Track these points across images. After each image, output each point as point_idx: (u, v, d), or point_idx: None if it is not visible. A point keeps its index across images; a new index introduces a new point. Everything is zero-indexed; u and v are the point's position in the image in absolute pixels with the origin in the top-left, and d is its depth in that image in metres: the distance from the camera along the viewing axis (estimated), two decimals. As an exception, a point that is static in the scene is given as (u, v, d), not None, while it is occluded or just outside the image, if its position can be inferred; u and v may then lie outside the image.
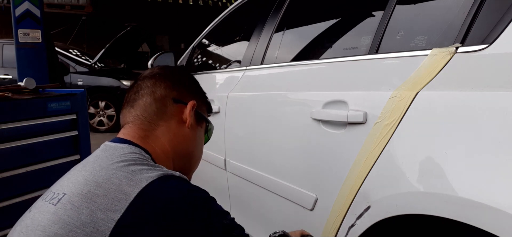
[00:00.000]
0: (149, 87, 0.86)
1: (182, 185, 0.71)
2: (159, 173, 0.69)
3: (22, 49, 3.32)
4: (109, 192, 0.65)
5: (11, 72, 5.77)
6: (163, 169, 0.73)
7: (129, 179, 0.67)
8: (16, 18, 3.27)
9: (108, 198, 0.64)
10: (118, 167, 0.70)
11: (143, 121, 0.83)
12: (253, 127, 1.53)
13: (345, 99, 1.06)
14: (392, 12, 1.07)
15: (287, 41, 1.62)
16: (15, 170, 1.62)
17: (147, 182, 0.67)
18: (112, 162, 0.71)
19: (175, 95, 0.86)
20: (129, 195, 0.64)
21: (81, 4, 10.67)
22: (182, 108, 0.87)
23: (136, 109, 0.84)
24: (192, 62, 2.55)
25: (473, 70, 0.79)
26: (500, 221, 0.62)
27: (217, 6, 12.20)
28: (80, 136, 1.91)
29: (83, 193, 0.66)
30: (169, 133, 0.84)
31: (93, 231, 0.61)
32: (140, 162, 0.72)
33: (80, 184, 0.68)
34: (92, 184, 0.67)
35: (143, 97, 0.85)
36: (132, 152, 0.76)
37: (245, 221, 1.66)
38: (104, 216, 0.62)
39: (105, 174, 0.68)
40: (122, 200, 0.63)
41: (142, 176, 0.68)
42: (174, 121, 0.85)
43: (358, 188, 0.96)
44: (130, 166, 0.70)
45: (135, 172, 0.68)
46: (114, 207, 0.63)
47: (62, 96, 1.89)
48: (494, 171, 0.67)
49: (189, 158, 0.91)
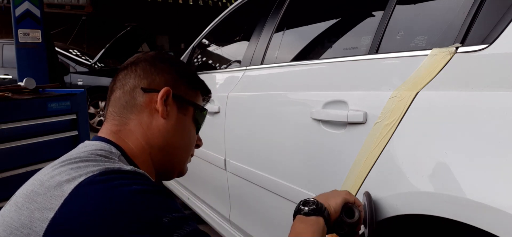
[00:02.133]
0: (120, 80, 0.80)
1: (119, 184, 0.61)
2: (102, 168, 0.63)
3: (22, 49, 3.32)
4: (49, 190, 0.60)
5: (11, 72, 5.77)
6: (113, 164, 0.66)
7: (70, 175, 0.61)
8: (16, 18, 3.27)
9: (46, 197, 0.60)
10: (67, 164, 0.64)
11: (115, 117, 0.78)
12: (253, 127, 1.53)
13: (345, 99, 1.06)
14: (392, 12, 1.07)
15: (287, 41, 1.62)
16: (15, 170, 1.62)
17: (86, 176, 0.60)
18: (66, 159, 0.66)
19: (146, 83, 0.79)
20: (65, 191, 0.59)
21: (81, 4, 10.67)
22: (154, 97, 0.78)
23: (110, 105, 0.80)
24: (192, 62, 2.55)
25: (473, 70, 0.79)
26: (500, 221, 0.62)
27: (217, 6, 12.20)
28: (80, 136, 1.91)
29: (27, 193, 0.62)
30: (141, 126, 0.78)
31: (30, 232, 0.57)
32: (93, 159, 0.66)
33: (27, 184, 0.64)
34: (37, 183, 0.63)
35: (114, 91, 0.80)
36: (98, 148, 0.70)
37: (245, 221, 1.66)
38: (40, 216, 0.58)
39: (51, 172, 0.64)
40: (58, 197, 0.59)
41: (84, 171, 0.62)
42: (147, 113, 0.78)
43: (358, 188, 0.96)
44: (79, 163, 0.64)
45: (79, 168, 0.63)
46: (50, 205, 0.58)
47: (62, 96, 1.89)
48: (494, 171, 0.66)
49: (170, 151, 0.82)
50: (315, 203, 0.80)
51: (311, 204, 0.80)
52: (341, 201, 0.84)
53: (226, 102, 1.72)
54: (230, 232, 1.77)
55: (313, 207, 0.80)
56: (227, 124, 1.70)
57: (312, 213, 0.79)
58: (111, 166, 0.65)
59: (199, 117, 0.87)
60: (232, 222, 1.75)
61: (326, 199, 0.84)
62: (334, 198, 0.84)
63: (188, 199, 2.36)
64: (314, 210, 0.79)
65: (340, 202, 0.84)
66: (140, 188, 0.62)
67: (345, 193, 0.87)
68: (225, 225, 1.84)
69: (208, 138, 1.39)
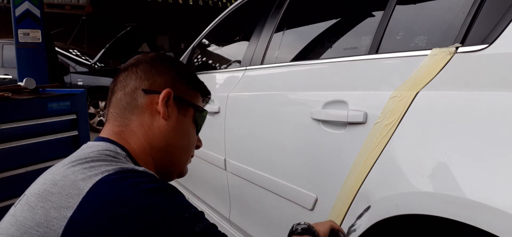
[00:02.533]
0: (121, 81, 0.81)
1: (137, 183, 0.63)
2: (116, 167, 0.64)
3: (22, 49, 3.32)
4: (64, 189, 0.61)
5: (11, 72, 5.77)
6: (126, 164, 0.68)
7: (85, 174, 0.63)
8: (16, 18, 3.27)
9: (62, 196, 0.60)
10: (78, 164, 0.65)
11: (116, 118, 0.79)
12: (253, 127, 1.53)
13: (345, 99, 1.06)
14: (392, 12, 1.07)
15: (287, 41, 1.62)
16: (15, 170, 1.62)
17: (102, 175, 0.62)
18: (76, 159, 0.67)
19: (147, 85, 0.79)
20: (82, 190, 0.60)
21: (81, 4, 10.67)
22: (155, 98, 0.79)
23: (111, 107, 0.81)
24: (192, 62, 2.55)
25: (473, 70, 0.79)
26: (500, 221, 0.62)
27: (217, 6, 12.20)
28: (80, 136, 1.91)
29: (40, 193, 0.63)
30: (142, 127, 0.79)
31: (47, 231, 0.58)
32: (103, 158, 0.68)
33: (39, 184, 0.65)
34: (49, 182, 0.64)
35: (115, 93, 0.81)
36: (104, 149, 0.72)
37: (245, 221, 1.66)
38: (57, 215, 0.59)
39: (64, 171, 0.65)
40: (75, 196, 0.60)
41: (99, 170, 0.63)
42: (148, 114, 0.79)
43: (358, 188, 0.96)
44: (91, 162, 0.65)
45: (93, 167, 0.64)
46: (67, 204, 0.59)
47: (62, 96, 1.89)
48: (494, 171, 0.67)
49: (170, 152, 0.83)
50: (307, 224, 0.88)
51: (303, 224, 0.88)
52: (328, 227, 0.91)
53: (226, 102, 1.72)
54: (230, 232, 1.77)
55: (305, 227, 0.87)
56: (227, 124, 1.70)
57: (304, 232, 0.86)
58: (125, 166, 0.67)
59: (199, 118, 0.87)
60: (232, 222, 1.76)
61: (316, 225, 0.91)
62: (322, 224, 0.92)
63: (188, 199, 2.36)
64: (305, 230, 0.86)
65: (328, 227, 0.91)
66: (157, 186, 0.65)
67: (331, 221, 0.95)
68: (225, 225, 1.84)
69: (208, 138, 1.39)
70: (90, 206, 0.59)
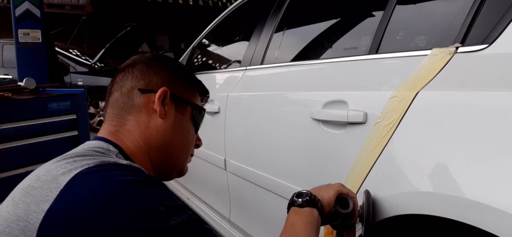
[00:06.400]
0: (118, 82, 0.81)
1: (115, 175, 0.62)
2: (98, 161, 0.64)
3: (22, 49, 3.33)
4: (45, 184, 0.61)
5: (11, 72, 5.77)
6: (110, 158, 0.68)
7: (66, 168, 0.62)
8: (16, 18, 3.27)
9: (43, 190, 0.61)
10: (63, 159, 0.66)
11: (113, 118, 0.80)
12: (253, 127, 1.53)
13: (345, 99, 1.06)
14: (392, 12, 1.07)
15: (287, 41, 1.62)
16: (15, 170, 1.62)
17: (82, 168, 0.62)
18: (63, 156, 0.67)
19: (143, 84, 0.80)
20: (61, 183, 0.60)
21: (81, 4, 10.67)
22: (152, 97, 0.79)
23: (108, 107, 0.82)
24: (192, 62, 2.55)
25: (473, 70, 0.79)
26: (500, 221, 0.62)
27: (217, 6, 12.20)
28: (80, 136, 1.91)
29: (24, 188, 0.63)
30: (139, 127, 0.79)
31: (26, 225, 0.58)
32: (90, 154, 0.67)
33: (25, 180, 0.66)
34: (33, 178, 0.64)
35: (112, 93, 0.82)
36: (95, 146, 0.72)
37: (245, 221, 1.66)
38: (36, 208, 0.59)
39: (48, 167, 0.65)
40: (54, 189, 0.60)
41: (79, 164, 0.63)
42: (144, 113, 0.79)
43: (358, 188, 0.96)
44: (75, 157, 0.65)
45: (75, 161, 0.64)
46: (46, 197, 0.59)
47: (62, 96, 1.89)
48: (494, 171, 0.66)
49: (169, 151, 0.83)
50: (308, 195, 0.82)
51: (304, 196, 0.82)
52: (334, 193, 0.85)
53: (226, 102, 1.72)
54: (230, 232, 1.77)
55: (306, 198, 0.81)
56: (227, 124, 1.70)
57: (305, 204, 0.80)
58: (106, 160, 0.66)
59: (197, 117, 0.87)
60: (232, 222, 1.76)
61: (319, 191, 0.85)
62: (327, 191, 0.85)
63: (188, 199, 2.37)
64: (307, 202, 0.80)
65: (333, 194, 0.85)
66: (136, 179, 0.63)
67: (339, 185, 0.88)
68: (225, 225, 1.84)
69: (208, 138, 1.39)
70: (66, 198, 0.59)
